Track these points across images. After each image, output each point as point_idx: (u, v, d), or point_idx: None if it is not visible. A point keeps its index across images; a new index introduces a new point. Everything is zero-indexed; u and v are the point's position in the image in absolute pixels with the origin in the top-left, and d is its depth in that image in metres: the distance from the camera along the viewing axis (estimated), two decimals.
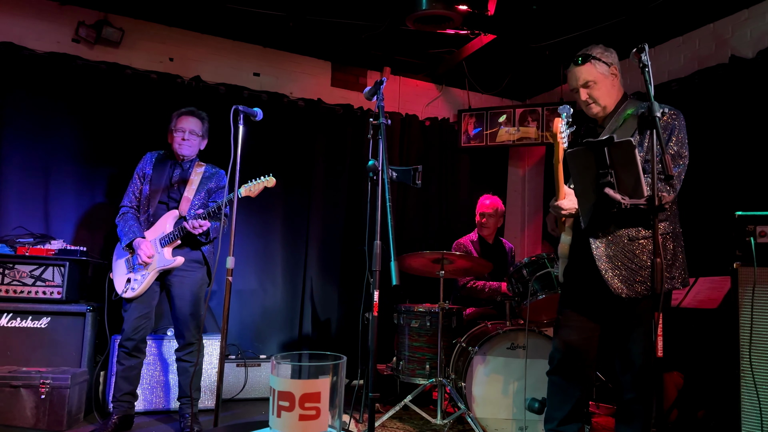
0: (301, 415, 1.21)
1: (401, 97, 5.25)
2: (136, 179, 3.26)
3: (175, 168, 3.26)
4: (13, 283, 3.35)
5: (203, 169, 3.31)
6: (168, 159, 3.29)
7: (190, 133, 3.22)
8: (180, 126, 3.22)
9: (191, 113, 3.27)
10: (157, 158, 3.29)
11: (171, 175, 3.24)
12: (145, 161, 3.29)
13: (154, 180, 3.21)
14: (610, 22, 3.99)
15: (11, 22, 3.91)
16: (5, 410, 2.98)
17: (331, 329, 4.67)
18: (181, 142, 3.20)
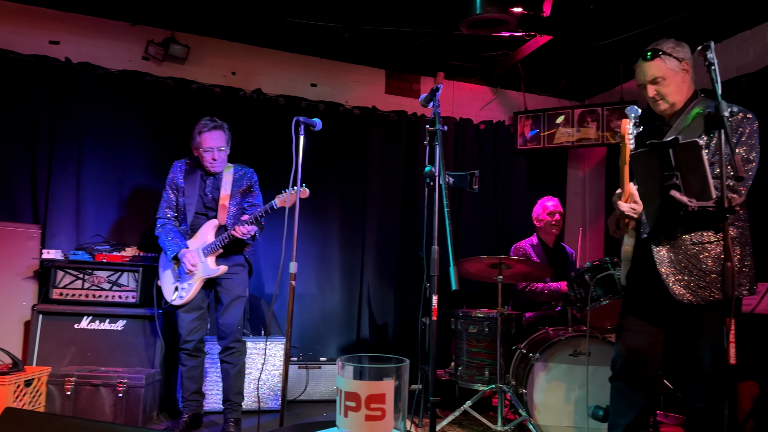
0: (367, 416, 1.25)
1: (455, 101, 5.25)
2: (169, 190, 3.30)
3: (207, 178, 3.28)
4: (92, 288, 3.58)
5: (232, 171, 3.31)
6: (197, 168, 3.30)
7: (219, 151, 3.18)
8: (207, 146, 3.16)
9: (214, 128, 3.18)
10: (186, 169, 3.31)
11: (203, 185, 3.27)
12: (174, 172, 3.31)
13: (188, 192, 3.25)
14: (672, 18, 3.86)
15: (88, 43, 4.18)
16: (87, 407, 3.18)
17: (389, 333, 4.72)
18: (212, 161, 3.18)
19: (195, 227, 3.24)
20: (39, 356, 3.42)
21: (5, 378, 2.93)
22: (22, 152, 3.91)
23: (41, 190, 3.93)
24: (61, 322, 3.48)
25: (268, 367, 3.75)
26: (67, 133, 4.02)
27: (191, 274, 3.15)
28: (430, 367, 2.09)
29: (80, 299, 3.54)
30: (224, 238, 3.11)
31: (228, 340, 3.20)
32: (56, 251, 3.64)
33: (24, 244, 3.67)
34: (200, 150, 3.20)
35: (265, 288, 4.42)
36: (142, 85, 4.23)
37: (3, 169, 3.85)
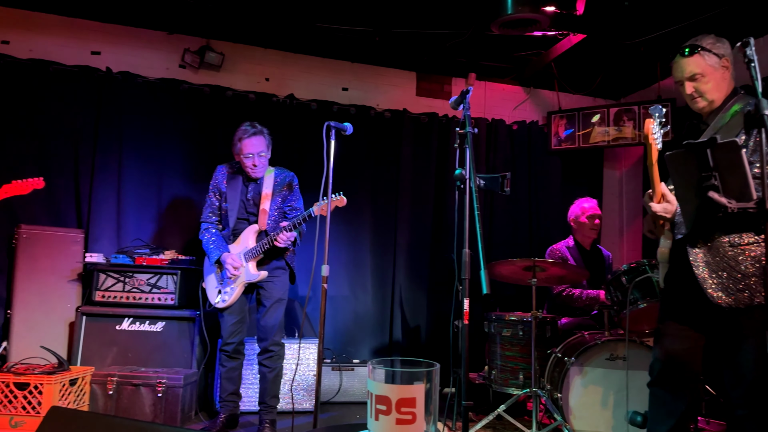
0: (398, 419, 1.25)
1: (487, 102, 5.21)
2: (212, 195, 3.37)
3: (248, 182, 3.34)
4: (133, 290, 3.69)
5: (273, 176, 3.35)
6: (239, 173, 3.36)
7: (259, 156, 3.23)
8: (248, 152, 3.21)
9: (254, 134, 3.23)
10: (228, 174, 3.37)
11: (245, 190, 3.33)
12: (217, 177, 3.38)
13: (230, 197, 3.31)
14: (711, 13, 3.74)
15: (127, 52, 4.32)
16: (128, 406, 3.29)
17: (421, 336, 4.71)
18: (252, 167, 3.23)
19: (237, 232, 3.30)
20: (83, 356, 3.55)
21: (52, 377, 3.05)
22: (66, 159, 4.07)
23: (84, 195, 4.07)
24: (104, 324, 3.60)
25: (301, 369, 3.80)
26: (109, 140, 4.16)
27: (233, 278, 3.21)
28: (462, 370, 2.08)
29: (121, 301, 3.66)
30: (264, 244, 3.15)
31: (267, 342, 3.25)
32: (98, 255, 3.77)
33: (68, 248, 3.82)
34: (241, 156, 3.25)
35: (299, 290, 4.47)
36: (179, 92, 4.34)
37: (48, 176, 3.97)
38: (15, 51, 4.07)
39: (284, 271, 3.35)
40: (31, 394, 3.03)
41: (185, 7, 4.02)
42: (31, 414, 3.03)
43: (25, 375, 3.06)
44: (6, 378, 3.05)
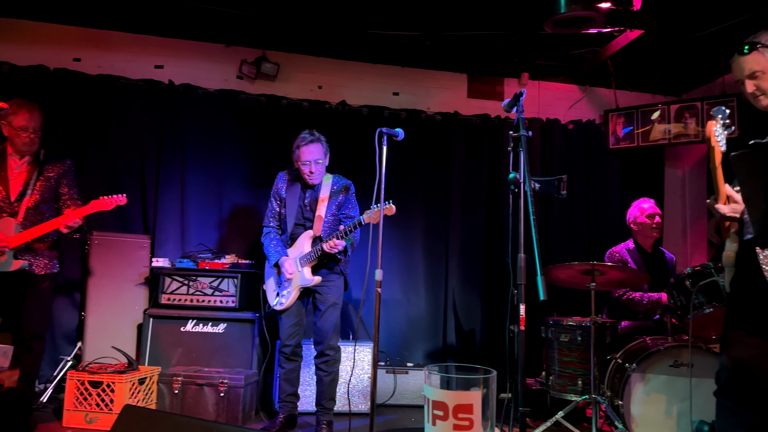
0: (455, 425, 1.27)
1: (541, 101, 5.12)
2: (273, 200, 3.48)
3: (306, 189, 3.43)
4: (196, 293, 3.85)
5: (330, 183, 3.42)
6: (298, 180, 3.44)
7: (316, 164, 3.30)
8: (305, 159, 3.29)
9: (311, 141, 3.30)
10: (288, 180, 3.47)
11: (302, 196, 3.41)
12: (278, 183, 3.48)
13: (289, 202, 3.41)
14: None
15: (188, 65, 4.52)
16: (192, 405, 3.42)
17: (476, 340, 4.68)
18: (309, 174, 3.30)
19: (294, 237, 3.40)
20: (150, 356, 3.72)
21: (123, 376, 3.22)
22: (133, 169, 4.30)
23: (150, 203, 4.29)
24: (169, 325, 3.77)
25: (356, 371, 3.84)
26: (172, 149, 4.36)
27: (289, 281, 3.31)
28: (519, 376, 2.06)
29: (185, 304, 3.82)
30: (318, 250, 3.22)
31: (323, 345, 3.31)
32: (164, 259, 3.95)
33: (136, 254, 4.03)
34: (299, 163, 3.34)
35: (353, 293, 4.53)
36: (237, 102, 4.50)
37: (117, 185, 4.23)
38: (86, 68, 4.33)
39: (338, 277, 3.41)
40: (104, 392, 3.22)
41: (242, 19, 4.16)
42: (104, 411, 3.21)
43: (99, 374, 3.25)
44: (81, 376, 3.25)
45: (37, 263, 3.07)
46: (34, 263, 3.06)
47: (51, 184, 3.17)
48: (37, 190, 3.11)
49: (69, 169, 3.27)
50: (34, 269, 3.06)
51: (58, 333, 4.05)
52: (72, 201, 3.21)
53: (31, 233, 3.00)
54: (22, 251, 3.03)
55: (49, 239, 3.15)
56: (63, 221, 3.01)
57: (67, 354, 3.87)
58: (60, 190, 3.21)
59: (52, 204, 3.19)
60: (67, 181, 3.23)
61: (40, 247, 3.10)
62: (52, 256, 3.17)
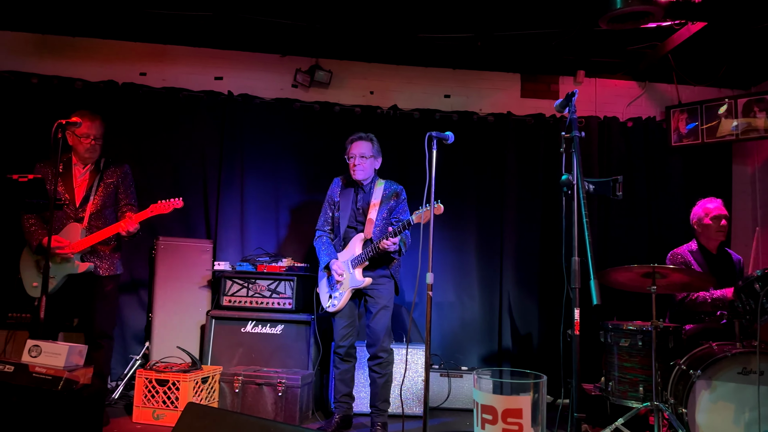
0: (504, 429, 1.27)
1: (598, 99, 4.99)
2: (327, 205, 3.60)
3: (359, 192, 3.51)
4: (255, 296, 3.98)
5: (383, 188, 3.49)
6: (351, 184, 3.55)
7: (361, 158, 3.40)
8: (351, 153, 3.44)
9: (359, 138, 3.46)
10: (342, 184, 3.59)
11: (355, 199, 3.50)
12: (332, 188, 3.60)
13: (342, 206, 3.51)
14: None
15: (246, 76, 4.69)
16: (252, 404, 3.54)
17: (533, 344, 4.60)
18: (353, 167, 3.42)
19: (346, 239, 3.47)
20: (212, 356, 3.88)
21: (187, 375, 3.38)
22: (195, 176, 4.50)
23: (212, 209, 4.48)
24: (230, 326, 3.92)
25: (410, 374, 3.86)
26: (232, 157, 4.54)
27: (339, 283, 3.37)
28: (574, 381, 2.03)
29: (245, 306, 3.96)
30: (369, 251, 3.28)
31: (376, 348, 3.36)
32: (225, 263, 4.11)
33: (199, 257, 4.21)
34: (347, 157, 3.47)
35: (405, 296, 4.56)
36: (292, 110, 4.63)
37: (181, 192, 4.40)
38: (151, 81, 4.58)
39: (389, 280, 3.45)
40: (170, 390, 3.38)
41: (296, 29, 4.28)
42: (170, 408, 3.37)
43: (165, 373, 3.42)
44: (149, 375, 3.43)
45: (101, 265, 3.28)
46: (99, 266, 3.27)
47: (111, 189, 3.37)
48: (98, 196, 3.32)
49: (126, 174, 3.46)
50: (99, 271, 3.26)
51: (127, 333, 4.29)
52: (129, 207, 3.40)
53: (93, 238, 3.20)
54: (87, 254, 3.24)
55: (112, 243, 3.36)
56: (124, 226, 3.19)
57: (137, 353, 4.09)
58: (118, 195, 3.42)
59: (112, 209, 3.39)
60: (124, 187, 3.43)
61: (103, 250, 3.31)
62: (114, 259, 3.38)
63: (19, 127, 4.32)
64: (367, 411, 3.60)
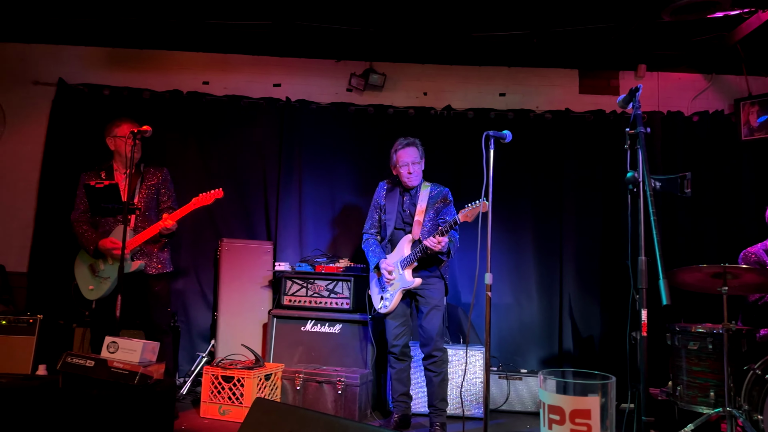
0: (572, 430, 1.26)
1: (660, 93, 4.81)
2: (373, 209, 3.64)
3: (405, 195, 3.53)
4: (314, 296, 4.07)
5: (429, 190, 3.50)
6: (396, 187, 3.57)
7: (413, 165, 3.41)
8: (403, 161, 3.43)
9: (407, 145, 3.45)
10: (387, 188, 3.61)
11: (401, 202, 3.52)
12: (378, 192, 3.64)
13: (388, 209, 3.54)
14: None
15: (303, 82, 4.81)
16: (313, 401, 3.62)
17: (595, 347, 4.48)
18: (407, 176, 3.43)
19: (394, 241, 3.51)
20: (274, 354, 3.99)
21: (251, 372, 3.49)
22: (256, 180, 4.65)
23: (272, 211, 4.62)
24: (291, 325, 4.02)
25: (468, 375, 3.84)
26: (290, 161, 4.66)
27: (389, 283, 3.41)
28: (642, 385, 1.97)
29: (305, 305, 4.06)
30: (417, 252, 3.30)
31: (429, 347, 3.37)
32: (285, 264, 4.22)
33: (260, 258, 4.35)
34: (397, 167, 3.48)
35: (461, 297, 4.54)
36: (347, 114, 4.71)
37: (242, 196, 4.61)
38: (213, 89, 4.77)
39: (439, 280, 3.46)
40: (235, 386, 3.50)
41: (350, 34, 4.36)
42: (235, 404, 3.49)
43: (230, 369, 3.55)
44: (215, 371, 3.56)
45: (150, 264, 3.44)
46: (148, 264, 3.42)
47: (153, 191, 3.53)
48: (141, 198, 3.47)
49: (166, 177, 3.61)
50: (149, 270, 3.42)
51: (194, 331, 4.48)
52: (169, 209, 3.54)
53: (139, 237, 3.35)
54: (137, 254, 3.40)
55: (161, 242, 3.50)
56: (162, 224, 3.32)
57: (203, 351, 4.26)
58: (160, 197, 3.56)
59: (155, 210, 3.54)
60: (165, 189, 3.58)
61: (152, 250, 3.47)
62: (163, 258, 3.53)
63: (93, 137, 4.58)
64: (425, 411, 3.61)
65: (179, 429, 3.24)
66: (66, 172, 4.47)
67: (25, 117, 4.76)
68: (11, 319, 3.77)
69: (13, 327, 3.76)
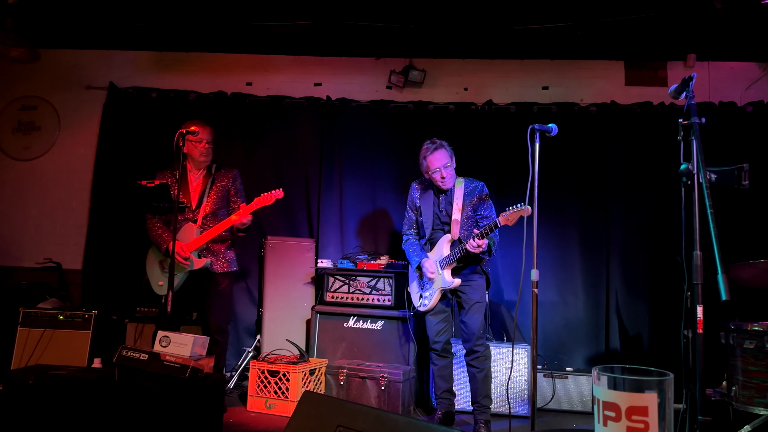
0: (629, 427, 1.23)
1: (711, 84, 4.64)
2: (409, 211, 3.60)
3: (440, 195, 3.48)
4: (356, 292, 4.10)
5: (463, 186, 3.43)
6: (430, 187, 3.52)
7: (445, 168, 3.34)
8: (434, 167, 3.34)
9: (436, 149, 3.35)
10: (420, 189, 3.56)
11: (437, 202, 3.48)
12: (412, 193, 3.60)
13: (424, 210, 3.51)
14: None
15: (343, 80, 4.85)
16: (357, 396, 3.65)
17: (643, 346, 4.36)
18: (441, 180, 3.36)
19: (433, 241, 3.48)
20: (317, 349, 4.04)
21: (296, 367, 3.55)
22: (298, 179, 4.72)
23: (314, 209, 4.68)
24: (334, 321, 4.06)
25: (513, 374, 3.80)
26: (331, 160, 4.71)
27: (431, 282, 3.39)
28: (698, 384, 1.91)
29: (347, 301, 4.09)
30: (457, 252, 3.26)
31: (471, 343, 3.34)
32: (327, 261, 4.27)
33: (303, 256, 4.41)
34: (429, 172, 3.42)
35: (504, 294, 4.49)
36: (387, 111, 4.73)
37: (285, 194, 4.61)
38: (256, 90, 4.86)
39: (480, 276, 3.41)
40: (281, 380, 3.56)
41: (390, 31, 4.36)
42: (281, 398, 3.55)
43: (276, 364, 3.61)
44: (261, 366, 3.63)
45: (216, 263, 3.51)
46: (214, 263, 3.50)
47: (223, 192, 3.61)
48: (211, 198, 3.56)
49: (236, 177, 3.69)
50: (214, 268, 3.49)
51: (240, 327, 4.58)
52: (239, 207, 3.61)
53: (208, 234, 3.43)
54: (203, 251, 3.48)
55: (227, 241, 3.58)
56: (237, 218, 3.38)
57: (249, 346, 4.35)
58: (230, 198, 3.64)
59: (225, 210, 3.62)
60: (235, 190, 3.66)
61: (219, 249, 3.54)
62: (229, 257, 3.60)
63: (142, 138, 4.75)
64: (468, 409, 3.60)
65: (227, 422, 3.32)
66: (117, 173, 4.64)
67: (79, 120, 4.96)
68: (68, 314, 3.94)
69: (70, 322, 3.93)
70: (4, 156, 4.97)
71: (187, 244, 3.39)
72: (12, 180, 4.93)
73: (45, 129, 4.97)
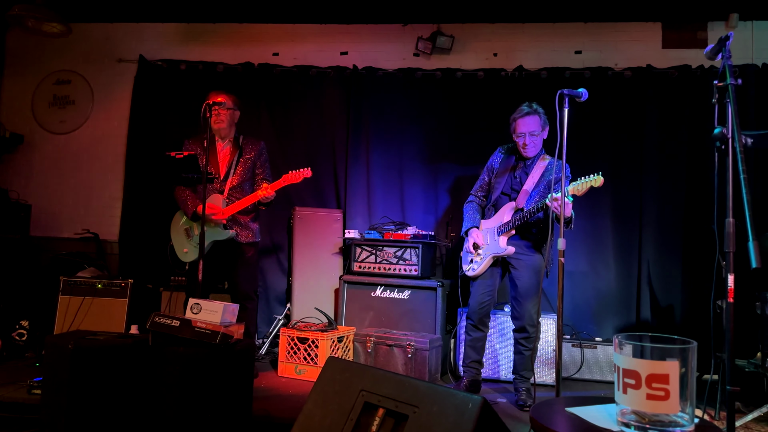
0: (649, 395, 1.21)
1: (755, 45, 4.41)
2: (485, 172, 3.54)
3: (519, 162, 3.40)
4: (383, 262, 4.12)
5: (546, 163, 3.34)
6: (513, 153, 3.45)
7: (531, 136, 3.28)
8: (520, 131, 3.29)
9: (527, 114, 3.29)
10: (504, 152, 3.50)
11: (515, 166, 3.40)
12: (494, 156, 3.53)
13: (499, 172, 3.44)
14: None
15: (369, 49, 4.78)
16: (384, 363, 3.71)
17: (675, 316, 4.28)
18: (523, 146, 3.30)
19: (498, 206, 3.43)
20: (346, 318, 4.11)
21: (324, 334, 3.61)
22: (325, 149, 4.73)
23: (341, 179, 4.69)
24: (361, 290, 4.11)
25: (540, 343, 3.79)
26: (357, 130, 4.69)
27: (483, 247, 3.36)
28: (727, 353, 1.87)
29: (374, 271, 4.12)
30: (517, 219, 3.21)
31: (523, 322, 3.29)
32: (355, 231, 4.29)
33: (331, 226, 4.45)
34: (514, 135, 3.36)
35: None
36: (414, 79, 4.65)
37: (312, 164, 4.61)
38: (283, 60, 4.84)
39: (535, 252, 3.34)
40: (310, 347, 3.64)
41: None
42: (310, 364, 3.63)
43: (305, 331, 3.69)
44: (291, 333, 3.71)
45: (242, 233, 3.58)
46: (240, 233, 3.57)
47: (249, 164, 3.65)
48: (239, 170, 3.61)
49: (262, 150, 3.72)
50: (240, 238, 3.56)
51: (271, 295, 4.68)
52: (264, 180, 3.66)
53: (239, 204, 3.48)
54: (230, 222, 3.55)
55: (252, 213, 3.64)
56: (262, 194, 3.44)
57: (279, 313, 4.45)
58: (255, 170, 3.68)
59: (251, 182, 3.67)
60: (260, 162, 3.70)
61: (244, 220, 3.61)
62: (254, 228, 3.67)
63: (172, 110, 4.81)
64: (498, 377, 3.62)
65: (259, 386, 3.42)
66: (149, 145, 4.73)
67: (111, 93, 5.06)
68: (106, 283, 4.08)
69: (108, 290, 4.07)
70: (42, 130, 5.11)
71: (223, 210, 3.46)
72: (50, 153, 5.08)
73: (79, 103, 5.09)
